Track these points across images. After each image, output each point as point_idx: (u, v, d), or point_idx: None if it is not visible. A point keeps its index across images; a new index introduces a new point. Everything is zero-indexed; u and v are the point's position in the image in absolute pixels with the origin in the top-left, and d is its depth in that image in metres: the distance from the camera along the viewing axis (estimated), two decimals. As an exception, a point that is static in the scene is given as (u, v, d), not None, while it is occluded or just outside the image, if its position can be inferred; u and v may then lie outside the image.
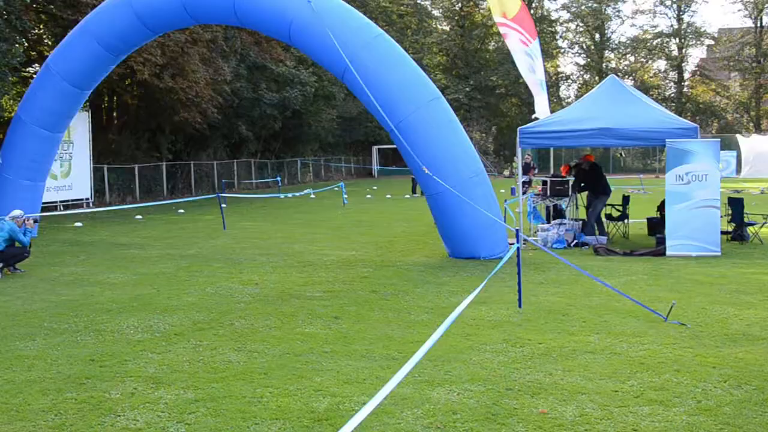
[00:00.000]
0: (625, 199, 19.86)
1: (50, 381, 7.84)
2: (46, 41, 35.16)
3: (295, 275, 14.03)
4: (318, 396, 7.14)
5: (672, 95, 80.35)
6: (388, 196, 40.06)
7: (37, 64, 34.00)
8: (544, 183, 19.76)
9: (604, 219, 19.37)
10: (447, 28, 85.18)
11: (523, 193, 19.34)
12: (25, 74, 32.42)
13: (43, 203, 23.08)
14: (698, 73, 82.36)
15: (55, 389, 7.56)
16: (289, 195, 37.33)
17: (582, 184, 18.84)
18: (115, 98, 40.09)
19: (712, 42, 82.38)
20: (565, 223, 18.19)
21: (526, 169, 26.65)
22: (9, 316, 11.24)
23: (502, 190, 17.80)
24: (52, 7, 33.31)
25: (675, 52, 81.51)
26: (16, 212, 15.74)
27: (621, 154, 66.25)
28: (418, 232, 21.02)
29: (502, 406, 6.77)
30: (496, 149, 72.25)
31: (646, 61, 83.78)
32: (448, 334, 8.10)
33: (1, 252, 14.91)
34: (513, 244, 11.09)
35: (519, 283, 10.95)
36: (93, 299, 12.35)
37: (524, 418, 6.49)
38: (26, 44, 31.90)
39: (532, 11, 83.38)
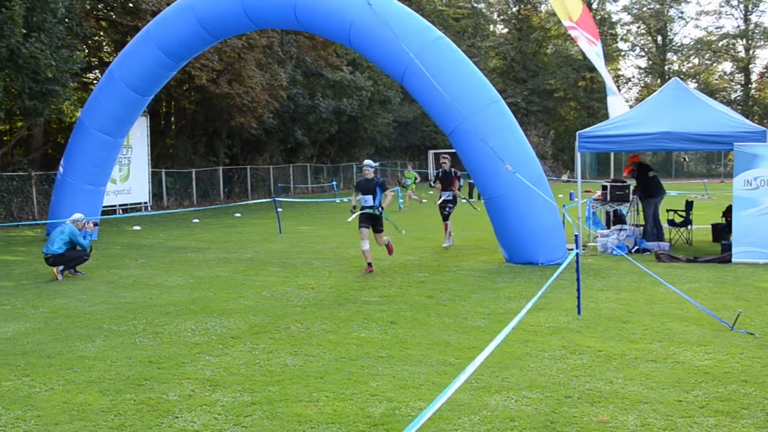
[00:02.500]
0: (689, 205, 19.56)
1: (110, 382, 7.96)
2: (105, 47, 35.69)
3: (351, 280, 14.07)
4: (374, 401, 7.14)
5: (738, 98, 79.00)
6: (445, 201, 39.94)
7: (97, 70, 34.54)
8: (604, 188, 19.56)
9: (666, 224, 19.15)
10: (504, 32, 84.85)
11: (443, 211, 18.97)
12: (86, 80, 32.94)
13: (103, 207, 23.45)
14: (767, 74, 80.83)
15: (115, 390, 7.66)
16: (345, 199, 37.41)
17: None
18: (173, 103, 40.58)
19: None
20: (625, 229, 18.01)
21: (447, 179, 19.73)
22: (70, 317, 11.42)
23: (561, 195, 17.63)
24: (112, 13, 33.86)
25: (742, 54, 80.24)
26: (77, 216, 16.00)
27: (685, 159, 65.24)
28: (474, 236, 20.95)
29: (561, 414, 6.71)
30: (554, 153, 71.74)
31: (711, 63, 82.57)
32: (505, 340, 8.05)
33: (62, 255, 15.17)
34: (572, 249, 10.99)
35: (578, 290, 10.85)
36: (151, 302, 12.50)
37: (583, 426, 6.43)
38: (86, 50, 32.38)
39: (593, 13, 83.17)
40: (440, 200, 19.70)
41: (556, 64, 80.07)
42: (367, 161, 15.91)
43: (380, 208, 15.35)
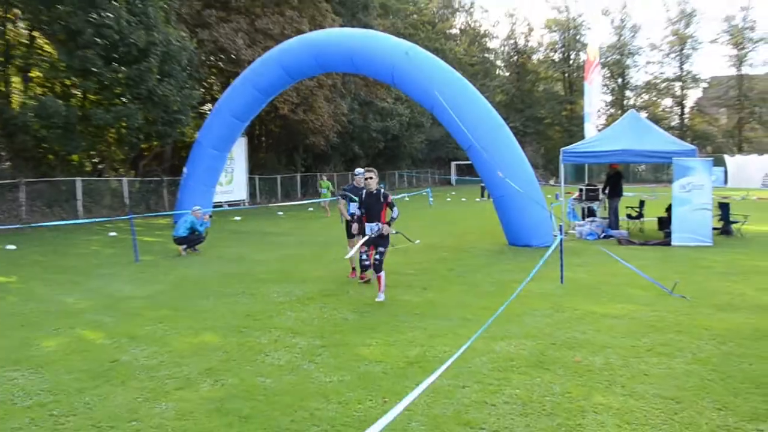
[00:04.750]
0: (641, 203, 19.40)
1: (219, 328, 8.07)
2: (215, 87, 36.03)
3: (395, 257, 14.11)
4: (411, 346, 7.17)
5: (676, 125, 77.71)
6: (463, 199, 39.83)
7: (209, 104, 34.88)
8: (581, 190, 19.47)
9: (624, 217, 18.98)
10: (507, 74, 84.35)
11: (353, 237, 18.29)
12: (201, 111, 33.32)
13: (214, 203, 23.69)
14: (695, 108, 79.95)
15: (223, 334, 7.77)
16: (398, 197, 37.34)
17: (607, 188, 18.47)
18: (263, 127, 40.85)
19: (706, 85, 79.76)
20: (595, 221, 17.84)
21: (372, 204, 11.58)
22: (191, 282, 11.58)
23: (549, 195, 17.53)
24: (220, 63, 34.21)
25: (678, 92, 79.14)
26: (196, 207, 16.19)
27: (639, 169, 64.45)
28: (485, 226, 20.87)
29: (548, 356, 6.70)
30: (544, 164, 71.13)
31: (657, 99, 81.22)
32: (506, 301, 8.03)
33: (185, 237, 15.37)
34: (557, 236, 10.92)
35: (561, 265, 10.81)
36: (250, 271, 12.63)
37: (564, 364, 6.42)
38: (202, 90, 32.77)
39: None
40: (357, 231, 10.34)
41: (546, 98, 79.87)
42: (359, 169, 11.43)
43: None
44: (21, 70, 28.19)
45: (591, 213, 19.06)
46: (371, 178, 9.59)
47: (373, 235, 9.53)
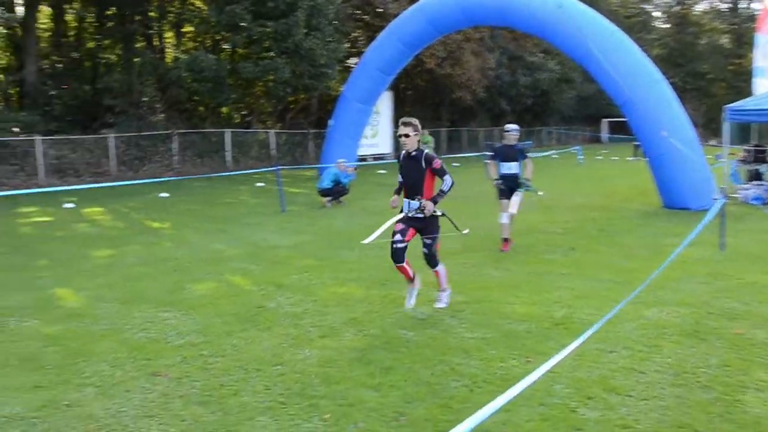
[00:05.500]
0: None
1: (363, 280, 8.28)
2: (360, 41, 36.44)
3: (539, 215, 13.85)
4: (556, 306, 7.06)
5: None
6: (614, 158, 38.37)
7: (355, 58, 35.39)
8: (747, 151, 18.23)
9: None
10: (666, 26, 79.83)
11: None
12: (346, 65, 33.86)
13: (358, 156, 24.14)
14: None
15: (366, 286, 7.97)
16: (545, 154, 36.65)
17: None
18: (409, 81, 41.00)
19: None
20: (763, 184, 16.67)
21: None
22: (335, 233, 11.93)
23: (709, 156, 16.54)
24: (366, 17, 34.55)
25: None
26: (341, 160, 16.57)
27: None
28: (637, 186, 20.03)
29: (704, 326, 6.38)
30: (704, 123, 67.11)
31: None
32: (660, 266, 7.69)
33: (330, 189, 15.81)
34: (716, 199, 10.29)
35: (723, 230, 10.20)
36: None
37: (722, 336, 6.09)
38: (347, 43, 33.27)
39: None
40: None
41: (708, 52, 74.94)
42: (511, 125, 10.56)
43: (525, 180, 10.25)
44: (174, 26, 29.74)
45: (757, 176, 17.81)
46: (407, 135, 6.80)
47: (410, 215, 6.89)
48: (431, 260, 6.99)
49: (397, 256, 6.82)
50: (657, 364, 5.41)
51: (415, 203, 6.84)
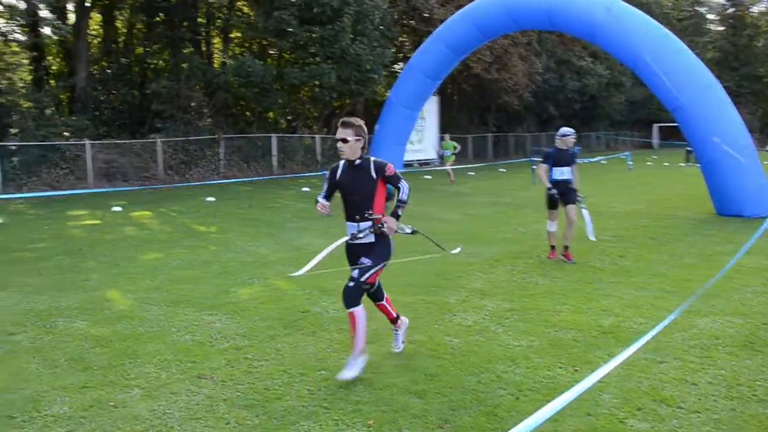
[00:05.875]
0: None
1: (408, 286, 8.26)
2: (406, 47, 36.54)
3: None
4: (604, 315, 6.95)
5: None
6: (666, 164, 37.76)
7: (401, 63, 35.50)
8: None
9: None
10: (720, 29, 78.22)
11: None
12: (392, 70, 33.99)
13: (404, 161, 24.18)
14: None
15: (412, 292, 7.96)
16: (593, 160, 36.23)
17: None
18: (455, 86, 40.96)
19: None
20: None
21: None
22: (379, 240, 11.94)
23: (766, 162, 16.13)
24: (412, 21, 34.63)
25: None
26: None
27: None
28: (689, 192, 19.66)
29: (759, 337, 6.22)
30: (760, 128, 65.54)
31: None
32: (713, 275, 7.53)
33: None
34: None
35: (779, 238, 9.95)
36: (437, 230, 12.74)
37: (779, 347, 5.94)
38: (393, 49, 33.42)
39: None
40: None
41: (766, 54, 73.02)
42: (566, 129, 10.04)
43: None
44: (221, 31, 30.18)
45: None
46: (344, 140, 5.34)
47: (359, 240, 5.49)
48: (351, 295, 5.30)
49: (373, 296, 5.79)
50: (710, 376, 5.29)
51: (365, 223, 5.42)
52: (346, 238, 5.47)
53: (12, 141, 21.81)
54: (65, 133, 22.89)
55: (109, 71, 27.74)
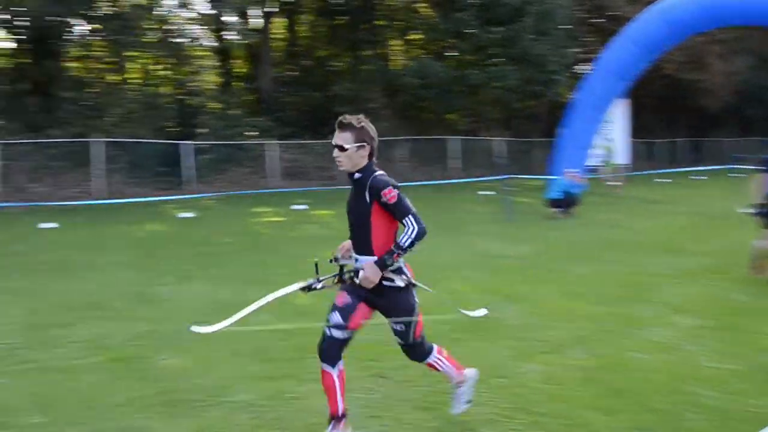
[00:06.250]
0: None
1: (593, 296, 7.96)
2: (592, 46, 35.59)
3: None
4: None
5: None
6: None
7: (584, 64, 34.65)
8: None
9: None
10: None
11: None
12: (575, 71, 33.21)
13: (588, 166, 23.44)
14: None
15: (595, 302, 7.65)
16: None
17: None
18: (644, 88, 39.35)
19: None
20: None
21: None
22: (568, 244, 11.77)
23: None
24: (599, 20, 33.73)
25: None
26: (571, 170, 16.25)
27: None
28: None
29: None
30: None
31: None
32: None
33: (559, 199, 15.55)
34: None
35: None
36: (626, 239, 12.40)
37: None
38: (579, 49, 32.65)
39: None
40: None
41: None
42: None
43: None
44: (401, 33, 30.74)
45: None
46: (341, 147, 4.10)
47: (346, 280, 4.38)
48: (414, 351, 4.44)
49: (326, 350, 4.37)
50: None
51: (357, 261, 4.29)
52: (282, 292, 4.39)
53: (200, 140, 23.39)
54: (246, 133, 24.19)
55: (292, 74, 29.06)
